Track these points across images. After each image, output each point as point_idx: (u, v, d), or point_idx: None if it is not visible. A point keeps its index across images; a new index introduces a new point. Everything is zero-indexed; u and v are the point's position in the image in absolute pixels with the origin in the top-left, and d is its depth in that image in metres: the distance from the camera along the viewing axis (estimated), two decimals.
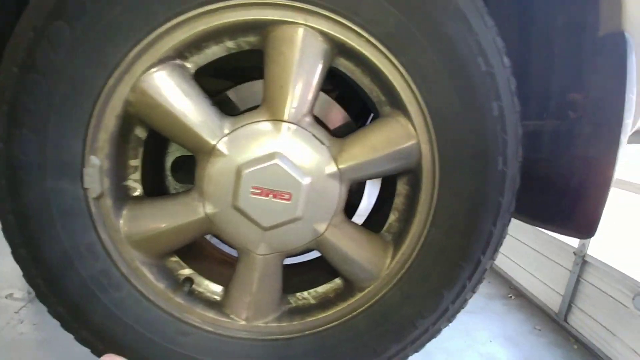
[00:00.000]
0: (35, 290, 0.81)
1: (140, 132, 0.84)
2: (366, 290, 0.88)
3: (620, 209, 3.11)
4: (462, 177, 0.80)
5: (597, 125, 0.87)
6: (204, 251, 1.03)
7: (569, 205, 0.92)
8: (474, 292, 0.89)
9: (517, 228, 4.18)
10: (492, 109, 0.77)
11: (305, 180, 0.79)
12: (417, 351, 0.92)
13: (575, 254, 3.25)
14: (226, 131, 0.78)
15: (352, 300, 0.89)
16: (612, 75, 0.80)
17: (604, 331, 2.95)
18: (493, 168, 0.79)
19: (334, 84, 1.20)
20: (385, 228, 0.92)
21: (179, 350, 0.87)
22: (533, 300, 3.79)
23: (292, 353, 0.90)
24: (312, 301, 0.95)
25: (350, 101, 1.26)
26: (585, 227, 0.87)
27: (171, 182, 1.02)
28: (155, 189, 0.96)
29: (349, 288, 0.91)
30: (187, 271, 0.92)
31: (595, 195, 0.84)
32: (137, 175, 0.87)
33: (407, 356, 0.95)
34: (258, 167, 0.78)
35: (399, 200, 0.91)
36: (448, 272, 0.84)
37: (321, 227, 0.83)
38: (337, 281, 0.96)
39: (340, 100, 1.16)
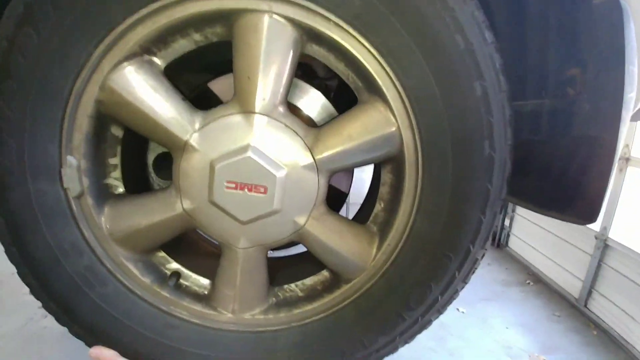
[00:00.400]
0: (29, 287, 0.83)
1: (116, 131, 0.83)
2: (352, 282, 0.84)
3: None
4: (446, 163, 0.74)
5: (597, 102, 0.77)
6: (192, 245, 1.02)
7: (570, 188, 0.84)
8: (466, 283, 0.84)
9: (535, 213, 3.98)
10: (475, 89, 0.70)
11: (280, 173, 0.76)
12: (407, 342, 0.88)
13: (596, 237, 3.06)
14: (197, 126, 0.75)
15: (338, 292, 0.85)
16: (610, 46, 0.71)
17: (625, 317, 2.78)
18: (479, 153, 0.72)
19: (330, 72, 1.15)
20: (371, 218, 0.88)
21: (167, 343, 0.87)
22: (552, 286, 3.62)
23: (278, 345, 0.88)
24: (300, 293, 0.92)
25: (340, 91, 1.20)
26: (587, 211, 0.79)
27: (155, 179, 1.01)
28: (139, 187, 0.95)
29: (336, 280, 0.88)
30: (173, 266, 0.91)
31: (598, 177, 0.76)
32: (117, 174, 0.86)
33: (397, 348, 0.90)
34: (230, 161, 0.75)
35: (384, 190, 0.86)
36: (435, 263, 0.78)
37: (301, 220, 0.80)
38: (325, 273, 0.92)
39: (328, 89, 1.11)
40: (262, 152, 0.75)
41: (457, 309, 3.35)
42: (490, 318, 3.25)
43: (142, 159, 1.00)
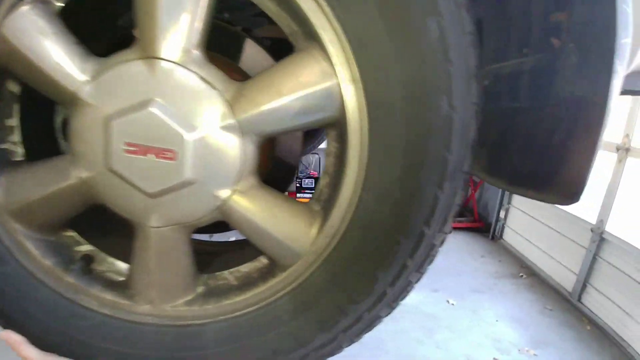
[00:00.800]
0: None
1: (12, 86, 0.68)
2: (289, 270, 0.69)
3: None
4: (395, 126, 0.58)
5: (585, 52, 0.60)
6: (110, 224, 0.87)
7: (552, 162, 0.67)
8: (421, 273, 0.68)
9: (530, 204, 3.83)
10: (429, 28, 0.54)
11: (192, 135, 0.60)
12: (352, 342, 0.72)
13: (592, 230, 2.88)
14: (90, 75, 0.60)
15: (273, 282, 0.70)
16: None
17: (621, 312, 2.61)
18: (434, 112, 0.56)
19: None
20: (315, 196, 0.72)
21: (75, 336, 0.73)
22: (545, 280, 3.45)
23: (203, 341, 0.73)
24: (234, 282, 0.77)
25: None
26: (570, 188, 0.62)
27: (63, 144, 0.86)
28: (46, 153, 0.80)
29: (272, 267, 0.73)
30: (85, 247, 0.77)
31: (584, 146, 0.59)
32: (15, 137, 0.71)
33: (341, 347, 0.75)
34: (129, 118, 0.59)
35: (329, 162, 0.69)
36: (382, 248, 0.63)
37: (223, 194, 0.64)
38: (262, 259, 0.77)
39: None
40: (168, 108, 0.59)
41: (447, 301, 3.20)
42: (480, 310, 3.10)
43: (49, 121, 0.85)
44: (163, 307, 0.73)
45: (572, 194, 0.60)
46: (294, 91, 0.60)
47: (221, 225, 0.82)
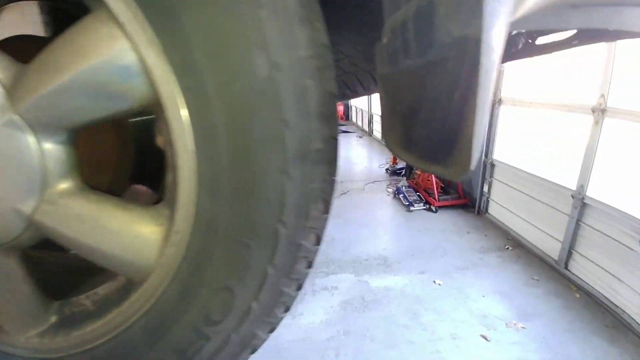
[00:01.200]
0: None
1: None
2: (140, 289, 0.55)
3: (623, 141, 2.54)
4: (211, 98, 0.43)
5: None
6: None
7: (444, 128, 0.52)
8: (294, 279, 0.53)
9: (510, 175, 3.68)
10: None
11: None
12: None
13: (573, 197, 2.73)
14: None
15: (126, 304, 0.57)
16: None
17: (609, 277, 2.48)
18: (252, 73, 0.41)
19: None
20: (164, 197, 0.58)
21: None
22: (531, 250, 3.32)
23: None
24: (91, 307, 0.63)
25: None
26: (459, 158, 0.47)
27: None
28: None
29: (127, 285, 0.59)
30: None
31: (465, 104, 0.44)
32: None
33: None
34: None
35: (167, 153, 0.55)
36: (231, 255, 0.49)
37: (26, 208, 0.50)
38: (121, 278, 0.63)
39: None
40: None
41: (434, 282, 3.08)
42: (466, 288, 2.98)
43: None
44: (18, 338, 0.60)
45: (461, 164, 0.44)
46: (73, 67, 0.45)
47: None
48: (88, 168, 0.60)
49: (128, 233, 0.54)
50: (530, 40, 1.20)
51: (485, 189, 4.07)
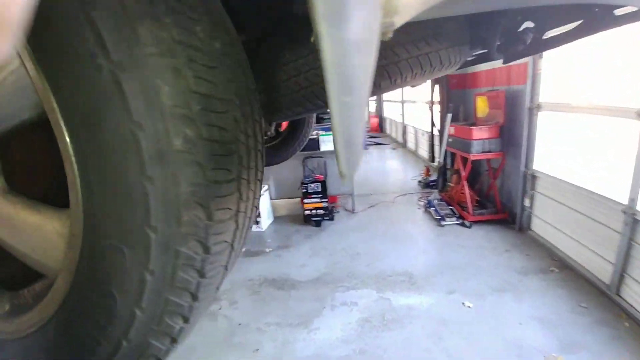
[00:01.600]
0: None
1: None
2: (53, 288, 0.56)
3: None
4: (73, 100, 0.43)
5: None
6: None
7: None
8: (187, 290, 0.52)
9: (554, 187, 3.33)
10: None
11: None
12: None
13: (624, 212, 2.40)
14: None
15: (45, 301, 0.58)
16: None
17: None
18: (96, 72, 0.41)
19: None
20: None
21: None
22: (580, 272, 2.95)
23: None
24: (30, 301, 0.66)
25: None
26: None
27: None
28: None
29: (49, 285, 0.60)
30: None
31: None
32: None
33: None
34: None
35: None
36: (111, 260, 0.48)
37: None
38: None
39: None
40: None
41: (463, 304, 2.86)
42: (501, 312, 2.71)
43: None
44: None
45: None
46: None
47: None
48: (21, 173, 0.65)
49: (37, 233, 0.56)
50: (538, 36, 1.11)
51: (527, 202, 3.74)
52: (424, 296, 2.93)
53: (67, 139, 0.46)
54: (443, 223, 4.12)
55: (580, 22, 0.98)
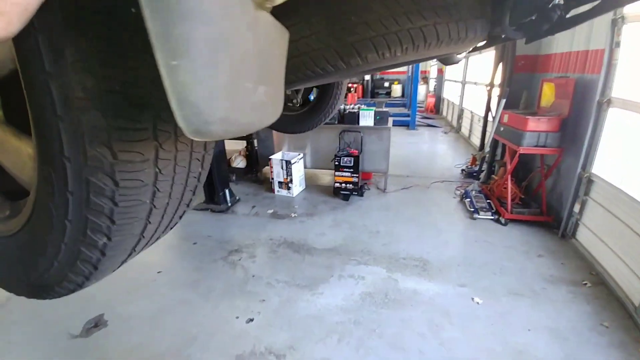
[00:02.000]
0: None
1: None
2: (28, 200, 0.70)
3: None
4: None
5: None
6: None
7: None
8: (97, 210, 0.64)
9: (613, 198, 2.92)
10: None
11: None
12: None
13: None
14: None
15: (13, 221, 0.74)
16: None
17: None
18: None
19: None
20: None
21: None
22: (613, 291, 2.66)
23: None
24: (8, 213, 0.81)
25: None
26: None
27: None
28: None
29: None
30: None
31: None
32: None
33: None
34: None
35: None
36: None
37: None
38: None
39: None
40: None
41: (472, 299, 2.80)
42: (510, 315, 2.61)
43: None
44: None
45: None
46: None
47: None
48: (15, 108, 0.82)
49: (18, 155, 0.72)
50: (563, 13, 1.02)
51: (577, 208, 3.40)
52: (433, 284, 2.92)
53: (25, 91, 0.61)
54: (476, 216, 3.94)
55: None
